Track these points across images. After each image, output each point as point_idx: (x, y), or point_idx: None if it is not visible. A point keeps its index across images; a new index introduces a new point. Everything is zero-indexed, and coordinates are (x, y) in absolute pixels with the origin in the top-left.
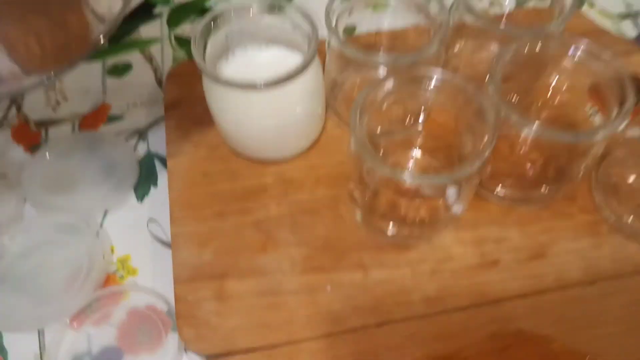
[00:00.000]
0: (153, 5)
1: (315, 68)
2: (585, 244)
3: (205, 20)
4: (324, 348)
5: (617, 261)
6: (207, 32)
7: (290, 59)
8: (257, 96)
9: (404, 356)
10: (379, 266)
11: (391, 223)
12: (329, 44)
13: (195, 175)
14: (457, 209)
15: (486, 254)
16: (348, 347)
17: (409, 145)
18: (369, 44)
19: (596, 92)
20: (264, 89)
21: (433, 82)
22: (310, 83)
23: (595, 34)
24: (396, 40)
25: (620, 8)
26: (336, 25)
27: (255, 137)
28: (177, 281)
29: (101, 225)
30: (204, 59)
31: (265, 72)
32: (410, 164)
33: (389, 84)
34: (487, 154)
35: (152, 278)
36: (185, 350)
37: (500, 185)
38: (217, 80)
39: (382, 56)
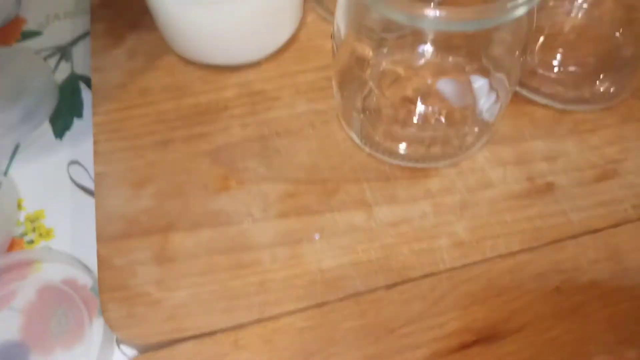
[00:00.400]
0: None
1: None
2: None
3: None
4: (314, 325)
5: None
6: None
7: None
8: None
9: (430, 329)
10: (388, 201)
11: (402, 138)
12: None
13: (130, 93)
14: (492, 111)
15: (535, 176)
16: (347, 322)
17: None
18: None
19: None
20: None
21: None
22: None
23: None
24: None
25: None
26: None
27: (206, 19)
28: (100, 239)
29: (5, 172)
30: None
31: None
32: (422, 61)
33: None
34: None
35: (73, 241)
36: (118, 342)
37: (546, 81)
38: None
39: None
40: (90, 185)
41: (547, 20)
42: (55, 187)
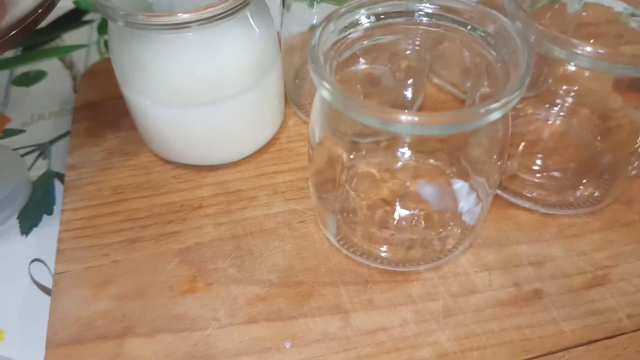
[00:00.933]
0: (83, 12)
1: (264, 23)
2: None
3: None
4: None
5: None
6: None
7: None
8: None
9: None
10: (365, 307)
11: (381, 240)
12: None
13: (103, 191)
14: (473, 214)
15: (522, 282)
16: None
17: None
18: None
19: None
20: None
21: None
22: (256, 40)
23: None
24: None
25: None
26: None
27: (186, 124)
28: (49, 345)
29: None
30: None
31: None
32: (399, 165)
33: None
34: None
35: (22, 345)
36: None
37: (528, 185)
38: (130, 20)
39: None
40: (50, 284)
41: (526, 127)
42: (12, 286)
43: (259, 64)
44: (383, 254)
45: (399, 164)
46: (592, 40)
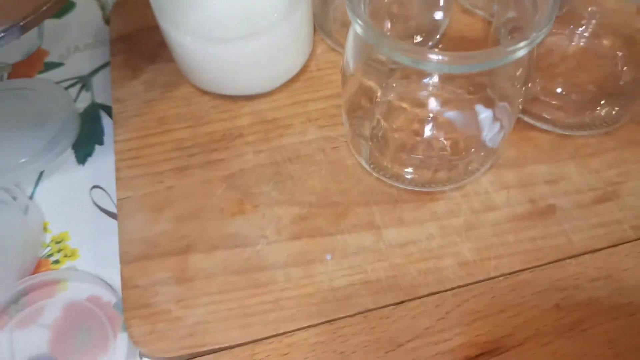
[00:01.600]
0: None
1: None
2: None
3: None
4: (326, 340)
5: None
6: None
7: None
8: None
9: (436, 344)
10: (396, 224)
11: (409, 165)
12: None
13: (148, 122)
14: (496, 139)
15: (537, 198)
16: (358, 337)
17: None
18: None
19: None
20: None
21: None
22: None
23: None
24: None
25: None
26: None
27: (221, 57)
28: (123, 261)
29: (31, 196)
30: None
31: None
32: (428, 94)
33: None
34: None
35: (96, 261)
36: (140, 356)
37: (548, 107)
38: None
39: None
40: (111, 208)
41: (548, 48)
42: (78, 210)
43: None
44: (411, 176)
45: (428, 93)
46: None
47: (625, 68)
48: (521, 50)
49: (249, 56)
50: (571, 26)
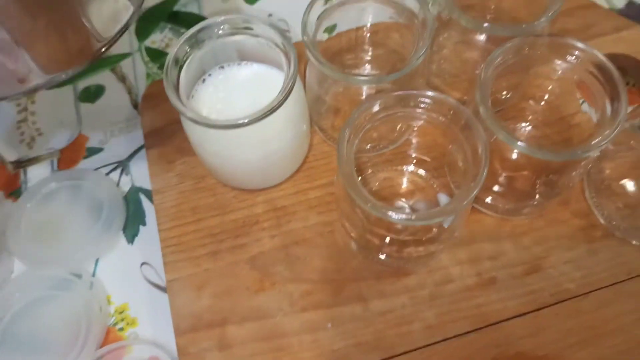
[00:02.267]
0: None
1: (296, 90)
2: (581, 252)
3: (173, 54)
4: None
5: (612, 267)
6: (177, 65)
7: (269, 74)
8: (239, 131)
9: None
10: (378, 296)
11: (387, 252)
12: (308, 57)
13: (184, 211)
14: (453, 231)
15: (483, 272)
16: None
17: (398, 159)
18: (350, 42)
19: (584, 85)
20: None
21: (421, 103)
22: (293, 108)
23: (585, 8)
24: (378, 34)
25: None
26: (313, 40)
27: (240, 170)
28: (177, 332)
29: (94, 274)
30: (177, 92)
31: (245, 91)
32: (404, 180)
33: (376, 107)
34: (482, 178)
35: (153, 327)
36: None
37: (491, 197)
38: (196, 121)
39: (364, 79)
40: (159, 282)
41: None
42: (133, 284)
43: (295, 123)
44: (388, 259)
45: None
46: None
47: (556, 165)
48: (467, 201)
49: (263, 169)
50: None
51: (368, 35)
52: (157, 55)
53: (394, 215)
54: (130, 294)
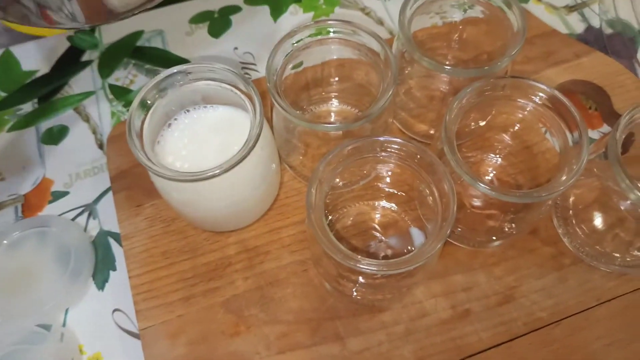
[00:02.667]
0: (81, 51)
1: (264, 133)
2: (551, 280)
3: (135, 104)
4: None
5: (582, 294)
6: (140, 114)
7: (236, 116)
8: (206, 181)
9: None
10: (355, 334)
11: (361, 291)
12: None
13: (154, 256)
14: (427, 269)
15: (457, 304)
16: None
17: (369, 194)
18: (317, 76)
19: (545, 117)
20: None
21: (388, 149)
22: (261, 152)
23: (545, 36)
24: (344, 68)
25: (566, 0)
26: (278, 85)
27: (210, 217)
28: None
29: (64, 324)
30: (141, 142)
31: (211, 134)
32: (376, 215)
33: (343, 152)
34: (451, 220)
35: None
36: None
37: (461, 229)
38: (160, 174)
39: (330, 126)
40: (132, 328)
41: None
42: (105, 332)
43: (264, 166)
44: (363, 297)
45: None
46: None
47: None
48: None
49: (234, 214)
50: (481, 150)
51: (333, 69)
52: (121, 93)
53: (365, 267)
54: (103, 343)
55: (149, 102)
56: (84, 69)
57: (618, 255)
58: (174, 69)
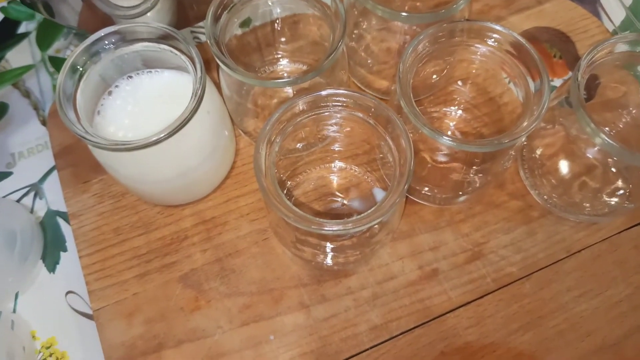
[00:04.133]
0: (16, 23)
1: (209, 97)
2: (519, 234)
3: (64, 72)
4: None
5: (551, 247)
6: (71, 83)
7: (181, 80)
8: (148, 150)
9: None
10: (320, 301)
11: (324, 255)
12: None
13: (105, 234)
14: (391, 226)
15: (424, 264)
16: None
17: (330, 157)
18: (268, 36)
19: (506, 65)
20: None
21: (341, 102)
22: (208, 117)
23: None
24: (298, 26)
25: None
26: (220, 43)
27: (159, 190)
28: None
29: (14, 310)
30: (76, 115)
31: (156, 102)
32: (338, 177)
33: (294, 109)
34: (409, 174)
35: (85, 359)
36: None
37: (427, 187)
38: (99, 146)
39: (280, 82)
40: (86, 308)
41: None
42: (59, 316)
43: (214, 133)
44: (327, 262)
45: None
46: None
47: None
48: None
49: (185, 186)
50: (443, 105)
51: (286, 27)
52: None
53: (319, 228)
54: (57, 327)
55: (79, 68)
56: (20, 41)
57: (587, 204)
58: (104, 31)
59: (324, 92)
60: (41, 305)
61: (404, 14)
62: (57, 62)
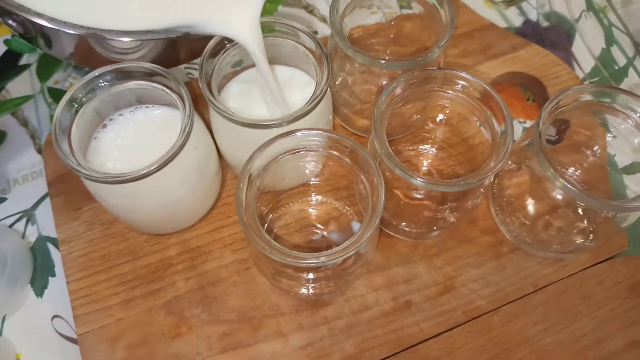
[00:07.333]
0: (18, 55)
1: (197, 133)
2: (489, 268)
3: (61, 106)
4: None
5: (519, 281)
6: (67, 116)
7: (171, 115)
8: (135, 182)
9: None
10: (297, 330)
11: (301, 286)
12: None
13: (93, 260)
14: (366, 260)
15: (398, 296)
16: None
17: (311, 190)
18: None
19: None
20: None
21: (320, 143)
22: (195, 152)
23: (484, 30)
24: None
25: None
26: (211, 87)
27: (146, 219)
28: None
29: (0, 333)
30: (70, 147)
31: (146, 136)
32: (319, 211)
33: (275, 149)
34: (380, 210)
35: None
36: None
37: (403, 223)
38: (88, 177)
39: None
40: (71, 333)
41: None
42: (44, 339)
43: (200, 166)
44: (305, 292)
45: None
46: None
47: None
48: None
49: (170, 216)
50: (419, 143)
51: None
52: (60, 96)
53: (303, 261)
54: (42, 350)
55: (76, 105)
56: (22, 72)
57: (554, 242)
58: (101, 70)
59: (298, 134)
60: (28, 329)
61: (382, 61)
62: (55, 93)
